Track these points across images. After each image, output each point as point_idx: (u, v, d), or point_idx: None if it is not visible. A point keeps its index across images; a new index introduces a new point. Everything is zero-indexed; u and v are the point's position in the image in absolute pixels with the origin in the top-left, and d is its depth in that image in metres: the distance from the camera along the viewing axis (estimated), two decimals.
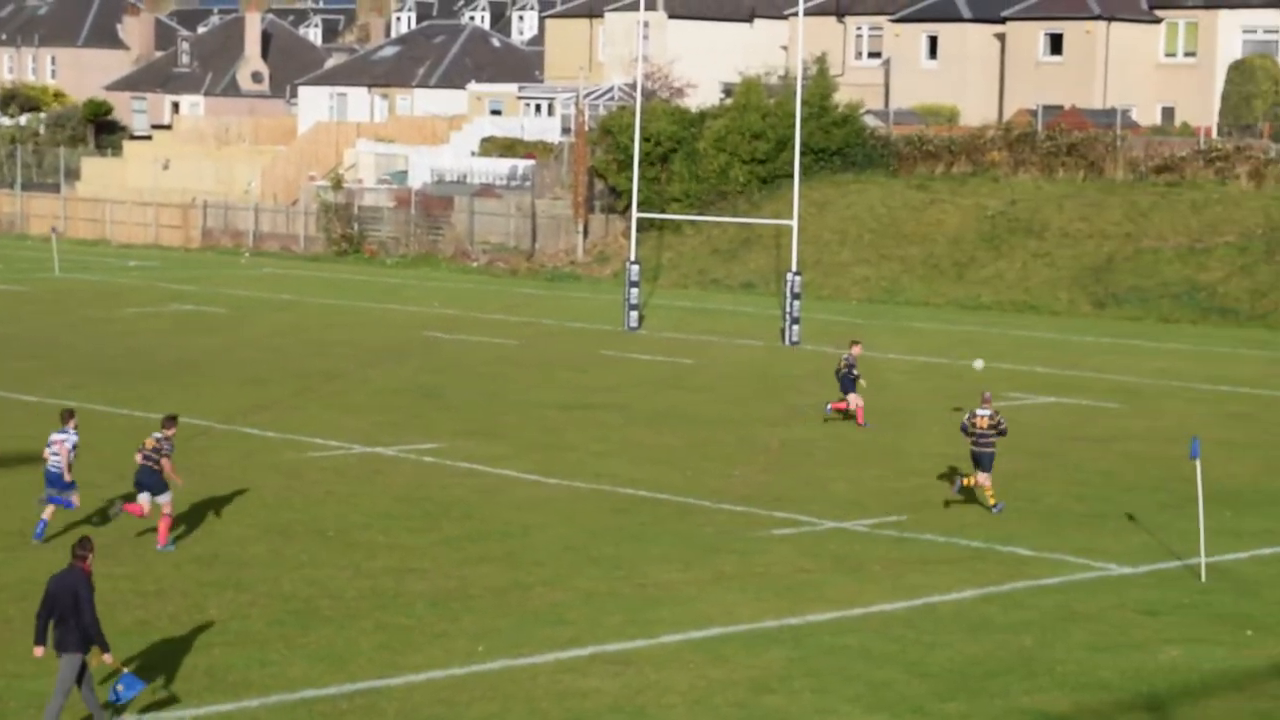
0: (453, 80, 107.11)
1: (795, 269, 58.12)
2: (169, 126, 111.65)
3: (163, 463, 27.30)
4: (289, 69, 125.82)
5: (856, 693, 21.19)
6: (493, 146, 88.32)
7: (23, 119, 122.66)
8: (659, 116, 76.67)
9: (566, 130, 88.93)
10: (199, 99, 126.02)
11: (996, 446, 31.17)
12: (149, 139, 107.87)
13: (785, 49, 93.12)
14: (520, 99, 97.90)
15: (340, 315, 61.20)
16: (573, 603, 24.81)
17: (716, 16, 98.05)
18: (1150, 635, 23.85)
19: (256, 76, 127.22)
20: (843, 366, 40.13)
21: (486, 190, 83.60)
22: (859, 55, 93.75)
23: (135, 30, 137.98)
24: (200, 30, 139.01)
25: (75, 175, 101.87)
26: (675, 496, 32.08)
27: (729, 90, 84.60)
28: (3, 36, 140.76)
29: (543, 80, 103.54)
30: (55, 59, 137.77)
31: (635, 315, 58.83)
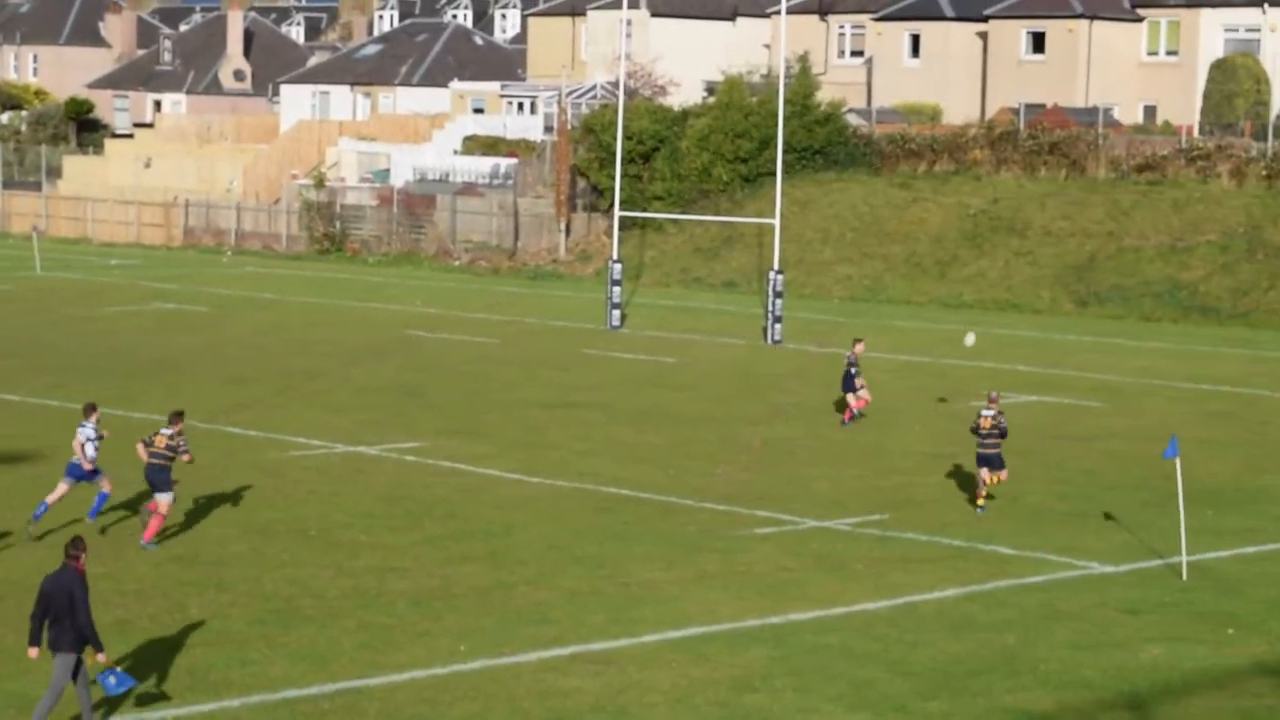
0: (435, 78, 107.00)
1: (777, 267, 58.12)
2: (151, 125, 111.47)
3: (184, 457, 27.57)
4: (271, 67, 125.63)
5: (839, 691, 21.19)
6: (475, 145, 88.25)
7: (4, 117, 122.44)
8: (641, 115, 76.64)
9: (549, 129, 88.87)
10: (181, 97, 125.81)
11: (1001, 447, 31.24)
12: (131, 137, 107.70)
13: (768, 47, 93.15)
14: (503, 97, 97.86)
15: (322, 314, 61.12)
16: (555, 602, 24.79)
17: (699, 15, 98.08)
18: (1132, 634, 23.87)
19: (239, 75, 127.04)
20: (846, 366, 40.36)
21: (469, 189, 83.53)
22: (841, 54, 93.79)
23: (117, 28, 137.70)
24: (182, 28, 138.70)
25: (57, 173, 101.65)
26: (658, 495, 32.06)
27: (711, 89, 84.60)
28: None
29: (525, 79, 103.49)
30: (37, 57, 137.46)
31: (617, 314, 58.81)
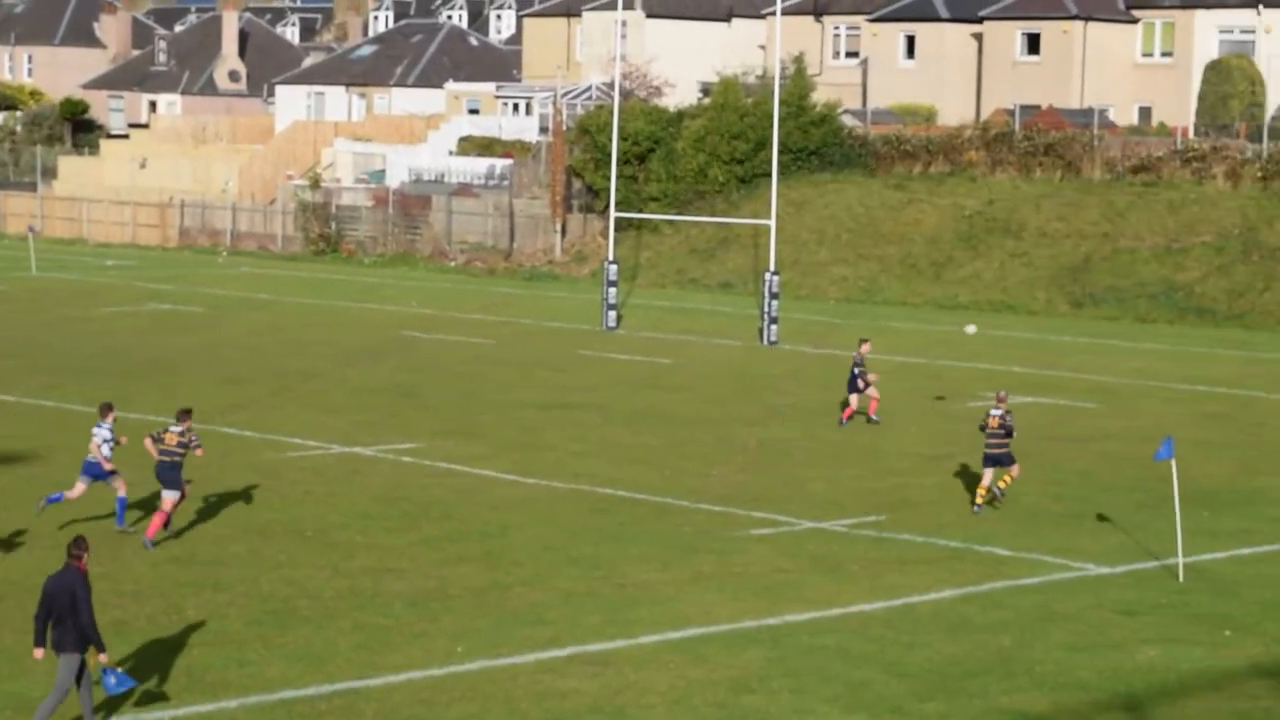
0: (430, 79, 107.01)
1: (773, 269, 58.13)
2: (146, 125, 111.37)
3: (197, 450, 27.91)
4: (266, 68, 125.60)
5: (835, 693, 21.20)
6: (470, 146, 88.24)
7: None
8: (637, 116, 76.64)
9: (544, 130, 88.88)
10: (176, 98, 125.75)
11: (1009, 446, 31.33)
12: (126, 138, 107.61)
13: (763, 48, 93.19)
14: (498, 98, 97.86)
15: (318, 315, 61.10)
16: (552, 603, 24.79)
17: (694, 16, 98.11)
18: (1128, 635, 23.89)
19: (234, 75, 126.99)
20: (852, 366, 40.44)
21: (464, 189, 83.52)
22: (836, 55, 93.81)
23: (112, 29, 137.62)
24: (177, 29, 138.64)
25: (52, 174, 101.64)
26: (653, 496, 32.07)
27: (707, 90, 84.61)
28: None
29: (520, 79, 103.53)
30: (32, 57, 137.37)
31: (613, 315, 58.80)
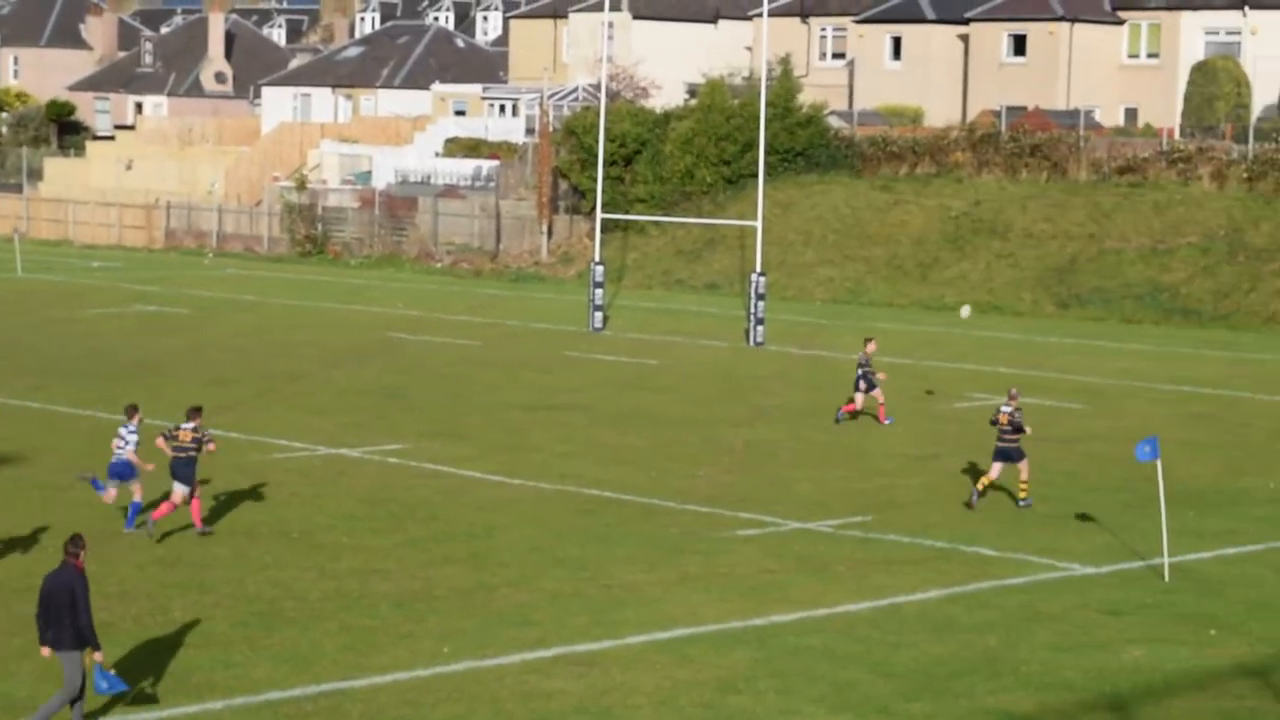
0: (417, 81, 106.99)
1: (760, 270, 58.14)
2: (132, 127, 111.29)
3: (209, 446, 28.12)
4: (252, 69, 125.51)
5: (821, 693, 21.21)
6: (457, 147, 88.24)
7: None
8: (624, 117, 76.65)
9: (531, 131, 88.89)
10: (162, 99, 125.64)
11: (1020, 442, 31.42)
12: (112, 139, 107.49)
13: (749, 50, 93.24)
14: (484, 99, 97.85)
15: (304, 316, 61.07)
16: (538, 604, 24.79)
17: (681, 17, 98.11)
18: (1114, 635, 23.91)
19: (220, 77, 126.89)
20: (857, 366, 40.56)
21: (450, 191, 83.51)
22: (823, 56, 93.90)
23: (98, 30, 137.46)
24: (163, 30, 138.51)
25: (38, 176, 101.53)
26: (640, 497, 32.07)
27: (693, 91, 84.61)
28: None
29: (507, 81, 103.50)
30: (18, 59, 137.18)
31: (600, 316, 58.80)
